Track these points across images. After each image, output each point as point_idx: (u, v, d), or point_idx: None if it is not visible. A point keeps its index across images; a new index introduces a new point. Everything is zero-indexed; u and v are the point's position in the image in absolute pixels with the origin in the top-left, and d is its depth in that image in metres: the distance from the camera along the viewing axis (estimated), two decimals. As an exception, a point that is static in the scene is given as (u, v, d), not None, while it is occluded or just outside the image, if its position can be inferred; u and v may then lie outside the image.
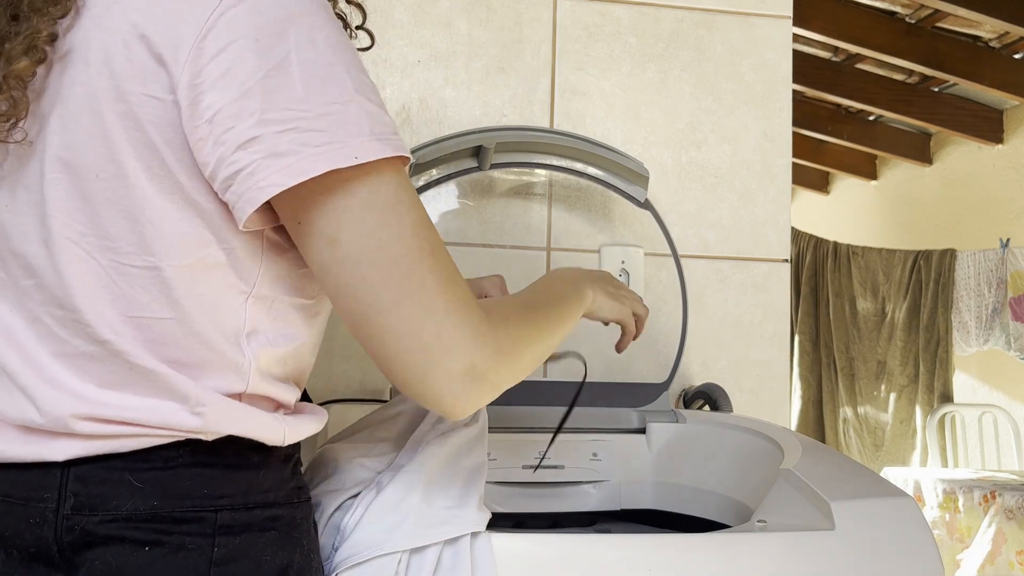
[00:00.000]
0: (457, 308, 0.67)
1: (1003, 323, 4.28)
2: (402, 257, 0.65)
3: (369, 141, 0.64)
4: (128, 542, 0.64)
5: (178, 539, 0.65)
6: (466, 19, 1.49)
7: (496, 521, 1.12)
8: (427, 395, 0.67)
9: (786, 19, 1.59)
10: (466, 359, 0.66)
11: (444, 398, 0.67)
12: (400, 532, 0.75)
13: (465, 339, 0.66)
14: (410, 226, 0.66)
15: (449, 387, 0.67)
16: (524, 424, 1.22)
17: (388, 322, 0.65)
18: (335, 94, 0.64)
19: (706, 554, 0.80)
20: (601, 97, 1.52)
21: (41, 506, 0.66)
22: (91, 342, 0.66)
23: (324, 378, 1.40)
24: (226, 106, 0.62)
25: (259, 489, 0.69)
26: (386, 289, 0.65)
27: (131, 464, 0.66)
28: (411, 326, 0.65)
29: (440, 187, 1.39)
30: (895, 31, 3.99)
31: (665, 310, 1.50)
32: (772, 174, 1.57)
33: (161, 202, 0.65)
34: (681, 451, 1.21)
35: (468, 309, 0.68)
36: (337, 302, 0.67)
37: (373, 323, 0.66)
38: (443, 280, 0.67)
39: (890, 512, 0.86)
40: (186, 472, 0.66)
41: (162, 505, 0.65)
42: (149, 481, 0.66)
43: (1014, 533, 3.07)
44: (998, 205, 4.68)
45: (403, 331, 0.65)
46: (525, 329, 0.75)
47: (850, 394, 4.66)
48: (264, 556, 0.68)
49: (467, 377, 0.67)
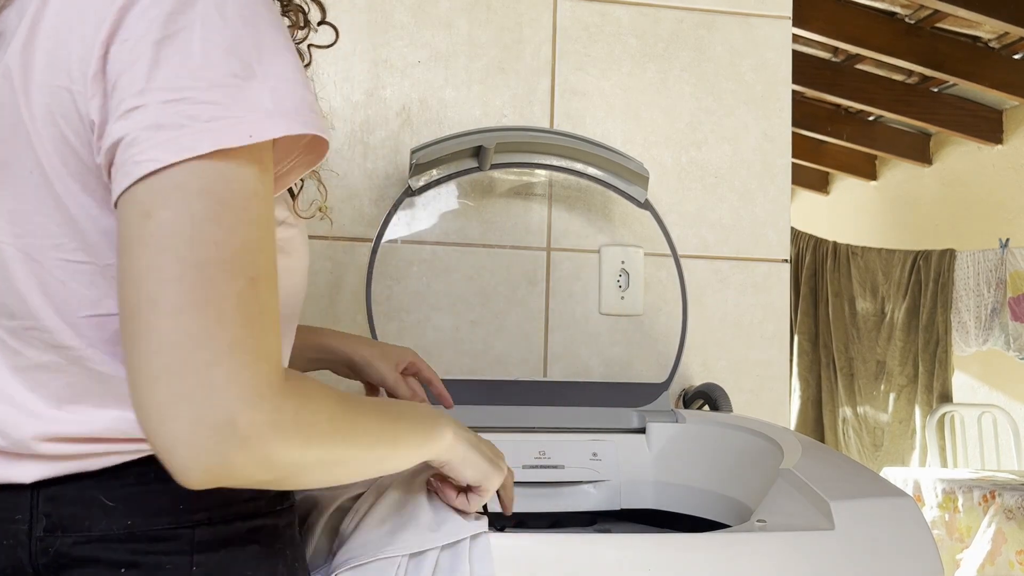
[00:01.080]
0: (247, 351, 0.55)
1: (1002, 323, 4.28)
2: (211, 263, 0.55)
3: (268, 118, 0.56)
4: (103, 564, 0.62)
5: (154, 559, 0.62)
6: (466, 20, 1.49)
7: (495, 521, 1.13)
8: (160, 436, 0.54)
9: (786, 19, 1.59)
10: (227, 411, 0.54)
11: (179, 448, 0.54)
12: (400, 536, 0.74)
13: (238, 387, 0.54)
14: (241, 238, 0.56)
15: (191, 436, 0.54)
16: (524, 424, 1.22)
17: (156, 325, 0.54)
18: (236, 67, 0.56)
19: (706, 554, 0.80)
20: (601, 97, 1.52)
21: (14, 527, 0.63)
22: (48, 350, 0.63)
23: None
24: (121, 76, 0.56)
25: (239, 499, 0.66)
26: (175, 288, 0.54)
27: (102, 482, 0.63)
28: (180, 340, 0.54)
29: (440, 187, 1.40)
30: (895, 31, 3.99)
31: (665, 310, 1.51)
32: (772, 174, 1.57)
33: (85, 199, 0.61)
34: (681, 451, 1.21)
35: (261, 361, 0.55)
36: (120, 287, 0.57)
37: (141, 320, 0.54)
38: (247, 315, 0.55)
39: (890, 512, 0.86)
40: (161, 488, 0.62)
41: (137, 524, 0.63)
42: (122, 499, 0.63)
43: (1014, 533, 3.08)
44: (997, 205, 4.68)
45: (168, 343, 0.54)
46: (328, 422, 0.61)
47: (849, 394, 4.67)
48: (246, 571, 0.66)
49: (219, 434, 0.54)
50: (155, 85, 0.55)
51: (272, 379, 0.56)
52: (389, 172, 1.44)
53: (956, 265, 4.48)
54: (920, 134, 5.18)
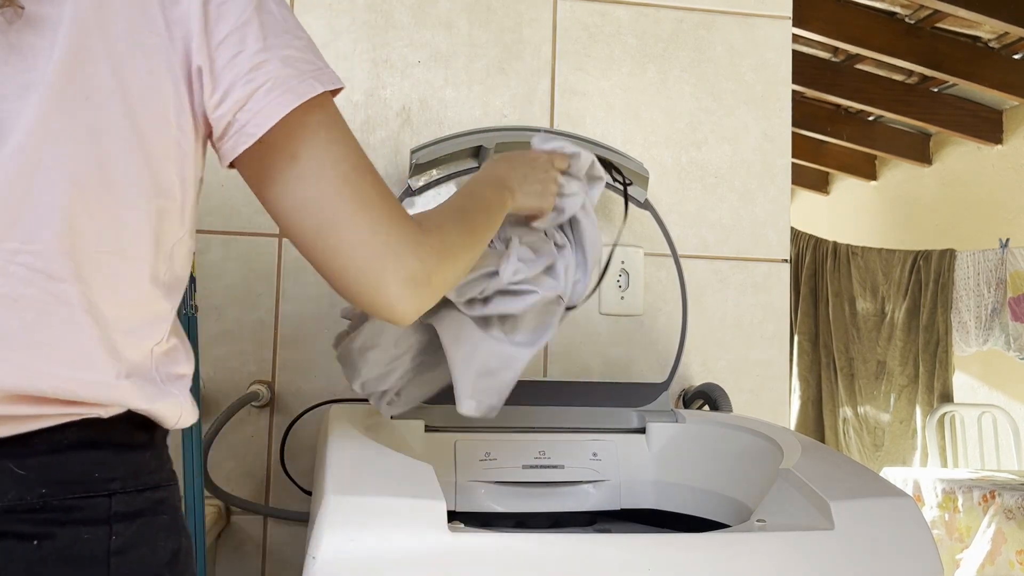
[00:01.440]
0: (398, 219, 0.72)
1: (1002, 323, 4.28)
2: (352, 172, 0.71)
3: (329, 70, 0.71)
4: (14, 537, 0.59)
5: (72, 531, 0.61)
6: (466, 20, 1.49)
7: (496, 521, 1.13)
8: (378, 302, 0.72)
9: (786, 19, 1.59)
10: (412, 264, 0.72)
11: (396, 304, 0.72)
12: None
13: (409, 245, 0.72)
14: (353, 145, 0.72)
15: (399, 292, 0.71)
16: (524, 424, 1.22)
17: (343, 235, 0.70)
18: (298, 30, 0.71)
19: (706, 554, 0.80)
20: (601, 97, 1.52)
21: None
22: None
23: (324, 378, 1.40)
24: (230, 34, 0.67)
25: (146, 470, 0.66)
26: (341, 202, 0.69)
27: (12, 450, 0.60)
28: (363, 236, 0.70)
29: (440, 187, 1.39)
30: (895, 31, 3.99)
31: (665, 310, 1.51)
32: (772, 174, 1.57)
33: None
34: (681, 451, 1.21)
35: (406, 220, 0.73)
36: (293, 221, 0.71)
37: (330, 237, 0.70)
38: (383, 194, 0.72)
39: (890, 512, 0.86)
40: (75, 455, 0.62)
41: (51, 493, 0.61)
42: (34, 468, 0.60)
43: (1013, 533, 3.07)
44: (997, 205, 4.68)
45: (357, 242, 0.70)
46: (459, 236, 0.80)
47: (850, 394, 4.66)
48: (159, 542, 0.66)
49: (414, 282, 0.72)
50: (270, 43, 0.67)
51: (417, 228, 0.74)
52: (389, 172, 1.44)
53: (956, 265, 4.48)
54: (920, 134, 5.18)
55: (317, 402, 1.38)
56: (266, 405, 1.39)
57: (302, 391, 1.40)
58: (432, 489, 0.79)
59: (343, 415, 1.07)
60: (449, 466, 1.14)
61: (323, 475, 0.85)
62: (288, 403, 1.40)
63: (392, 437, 1.08)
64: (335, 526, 0.74)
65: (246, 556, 1.38)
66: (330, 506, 0.76)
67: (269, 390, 1.39)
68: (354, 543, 0.74)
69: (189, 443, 1.12)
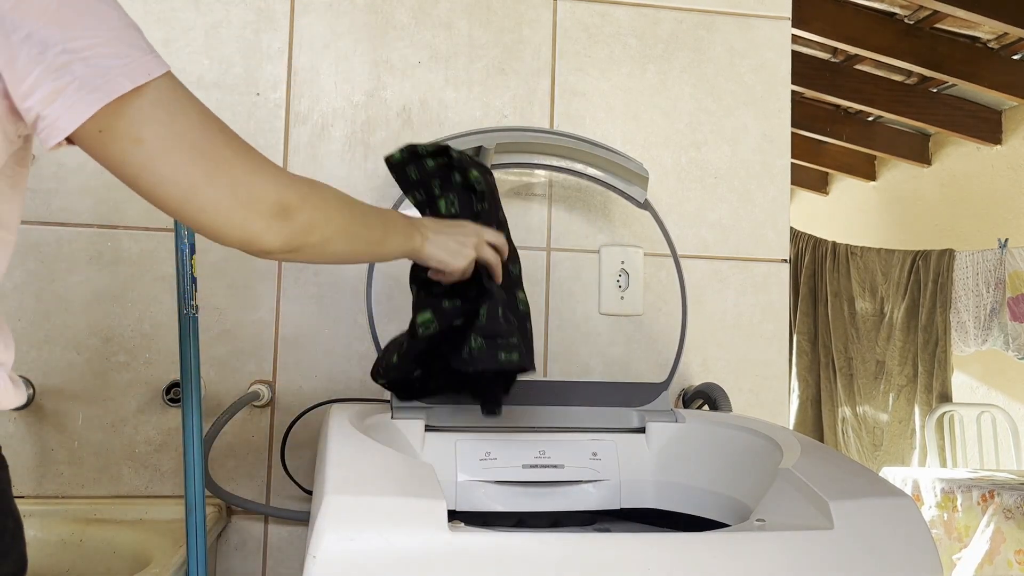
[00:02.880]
0: (257, 167, 0.78)
1: (1001, 323, 4.28)
2: (200, 139, 0.74)
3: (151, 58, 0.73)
4: None
5: None
6: (467, 20, 1.49)
7: (496, 520, 1.13)
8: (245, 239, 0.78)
9: (785, 20, 1.59)
10: (273, 198, 0.78)
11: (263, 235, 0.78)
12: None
13: (271, 184, 0.78)
14: (195, 112, 0.75)
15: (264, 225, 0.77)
16: (524, 424, 1.22)
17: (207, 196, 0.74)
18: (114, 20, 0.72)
19: (705, 553, 0.80)
20: (601, 98, 1.52)
21: None
22: None
23: (325, 378, 1.41)
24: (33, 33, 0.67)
25: None
26: (197, 170, 0.74)
27: None
28: (225, 192, 0.75)
29: (440, 187, 1.39)
30: (894, 32, 3.99)
31: (665, 310, 1.51)
32: (771, 175, 1.57)
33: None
34: (681, 451, 1.21)
35: (267, 166, 0.79)
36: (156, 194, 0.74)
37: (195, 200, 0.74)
38: (238, 149, 0.77)
39: (889, 511, 0.86)
40: None
41: None
42: None
43: (1012, 532, 3.08)
44: (997, 205, 4.68)
45: (220, 198, 0.75)
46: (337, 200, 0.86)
47: (849, 394, 4.67)
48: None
49: (275, 215, 0.78)
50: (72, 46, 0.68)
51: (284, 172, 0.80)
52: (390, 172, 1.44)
53: (955, 265, 4.48)
54: (919, 134, 5.18)
55: (317, 402, 1.38)
56: (266, 405, 1.39)
57: (302, 391, 1.40)
58: (432, 489, 0.80)
59: (343, 415, 1.07)
60: (449, 466, 1.14)
61: (323, 475, 0.85)
62: (288, 403, 1.40)
63: (392, 437, 1.08)
64: (336, 525, 0.74)
65: (247, 556, 1.38)
66: (330, 506, 0.76)
67: (269, 390, 1.39)
68: (354, 542, 0.74)
69: (190, 443, 1.12)
